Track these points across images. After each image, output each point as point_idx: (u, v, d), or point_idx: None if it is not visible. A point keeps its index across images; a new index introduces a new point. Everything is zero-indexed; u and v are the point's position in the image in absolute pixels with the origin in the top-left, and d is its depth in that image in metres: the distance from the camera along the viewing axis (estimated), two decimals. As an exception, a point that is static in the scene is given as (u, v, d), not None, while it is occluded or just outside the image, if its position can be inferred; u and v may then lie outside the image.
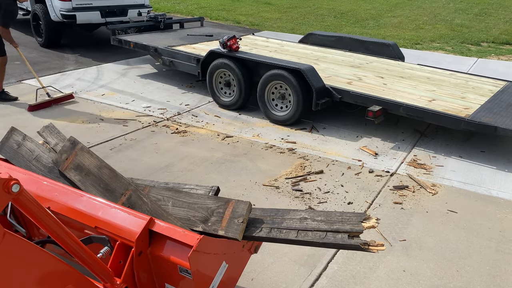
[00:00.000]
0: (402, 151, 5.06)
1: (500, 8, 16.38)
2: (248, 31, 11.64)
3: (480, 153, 5.04)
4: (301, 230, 1.80)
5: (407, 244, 3.45)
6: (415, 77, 6.12)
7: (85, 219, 1.88)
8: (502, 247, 3.45)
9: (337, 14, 14.92)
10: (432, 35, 11.82)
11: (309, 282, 3.02)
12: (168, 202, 2.03)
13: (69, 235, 1.62)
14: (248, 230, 1.90)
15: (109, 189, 2.02)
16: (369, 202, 4.03)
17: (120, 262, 1.82)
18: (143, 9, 9.41)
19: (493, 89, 5.79)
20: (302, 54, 7.12)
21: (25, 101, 6.20)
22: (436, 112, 4.88)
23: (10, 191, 1.38)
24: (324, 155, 4.91)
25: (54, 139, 2.45)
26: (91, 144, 5.02)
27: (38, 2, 9.16)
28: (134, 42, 7.42)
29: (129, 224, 1.80)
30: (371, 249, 1.64)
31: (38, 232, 2.21)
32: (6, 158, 2.43)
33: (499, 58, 9.83)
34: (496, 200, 4.12)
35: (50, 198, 1.97)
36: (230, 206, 1.89)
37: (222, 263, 1.89)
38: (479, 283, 3.06)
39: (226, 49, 6.05)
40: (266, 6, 16.12)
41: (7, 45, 6.37)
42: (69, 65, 8.22)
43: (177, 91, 6.96)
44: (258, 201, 3.98)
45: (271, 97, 5.79)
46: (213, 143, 5.17)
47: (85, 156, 2.12)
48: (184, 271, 1.74)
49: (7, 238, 1.45)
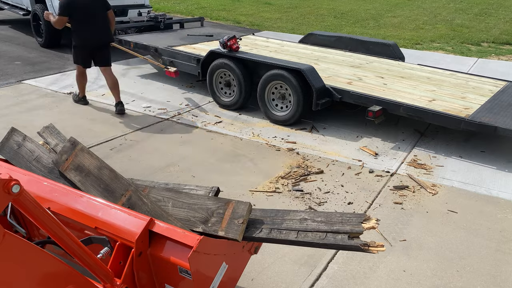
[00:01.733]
0: (402, 151, 5.06)
1: (500, 8, 16.37)
2: (248, 31, 11.63)
3: (480, 153, 5.04)
4: (301, 231, 1.80)
5: (407, 244, 3.45)
6: (415, 77, 6.12)
7: (85, 220, 1.88)
8: (503, 247, 3.45)
9: (337, 14, 14.92)
10: (432, 35, 11.82)
11: (309, 282, 3.02)
12: (168, 202, 2.03)
13: (69, 236, 1.62)
14: (248, 230, 1.90)
15: (109, 190, 2.02)
16: (369, 202, 4.03)
17: (120, 262, 1.82)
18: (143, 9, 9.41)
19: (493, 89, 5.79)
20: (302, 54, 7.12)
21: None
22: (436, 112, 4.88)
23: (10, 192, 1.38)
24: (324, 155, 4.91)
25: (54, 139, 2.45)
26: (91, 144, 5.02)
27: (38, 2, 9.17)
28: (134, 42, 7.42)
29: (129, 224, 1.80)
30: (371, 250, 1.64)
31: (38, 233, 2.21)
32: (6, 159, 2.43)
33: (499, 58, 9.82)
34: (496, 200, 4.12)
35: (50, 199, 1.97)
36: (230, 206, 1.89)
37: (222, 264, 1.89)
38: (479, 283, 3.06)
39: (226, 49, 6.05)
40: (266, 6, 16.12)
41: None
42: (69, 65, 8.21)
43: (177, 91, 6.96)
44: (258, 201, 3.98)
45: (271, 97, 5.79)
46: (214, 143, 5.17)
47: (85, 157, 2.12)
48: (184, 271, 1.74)
49: (7, 239, 1.45)
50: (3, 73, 7.56)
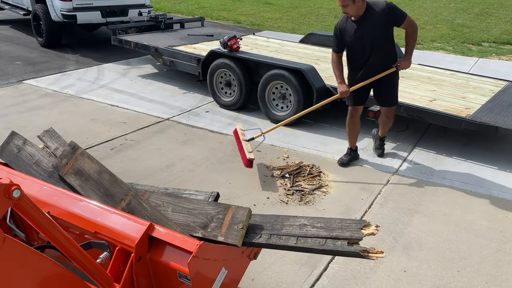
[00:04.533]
0: (402, 151, 5.05)
1: (501, 8, 16.33)
2: (249, 31, 11.62)
3: (481, 153, 5.04)
4: (301, 237, 1.80)
5: (408, 244, 3.45)
6: (416, 77, 6.11)
7: (84, 224, 1.88)
8: (503, 247, 3.45)
9: (337, 14, 14.87)
10: (433, 35, 11.80)
11: (309, 282, 3.03)
12: (168, 207, 2.03)
13: (69, 240, 1.62)
14: (248, 236, 1.90)
15: (109, 194, 2.02)
16: (369, 202, 4.02)
17: (119, 267, 1.81)
18: (143, 9, 9.40)
19: (494, 89, 5.78)
20: (303, 54, 7.10)
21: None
22: (437, 112, 4.87)
23: (11, 197, 1.38)
24: (325, 155, 4.91)
25: (54, 143, 2.45)
26: (91, 144, 5.02)
27: (38, 2, 9.16)
28: (135, 42, 7.41)
29: (129, 229, 1.80)
30: (370, 256, 1.64)
31: (37, 237, 2.21)
32: (6, 162, 2.43)
33: (500, 58, 9.80)
34: (497, 200, 4.12)
35: (50, 203, 1.97)
36: (229, 212, 1.89)
37: (221, 269, 1.88)
38: (480, 283, 3.06)
39: (227, 49, 6.04)
40: (267, 6, 16.10)
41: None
42: (69, 65, 8.22)
43: (178, 91, 6.95)
44: (258, 201, 3.98)
45: (272, 97, 5.78)
46: (214, 143, 5.17)
47: (85, 161, 2.12)
48: (184, 277, 1.74)
49: (7, 243, 1.45)
50: (4, 73, 7.56)
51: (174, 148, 5.02)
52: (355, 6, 4.06)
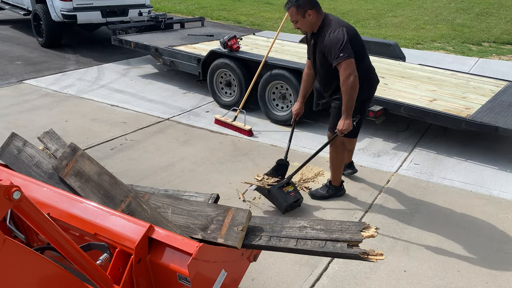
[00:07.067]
0: (403, 151, 5.05)
1: (501, 8, 16.32)
2: (249, 31, 11.62)
3: (481, 153, 5.04)
4: (301, 239, 1.80)
5: (408, 244, 3.45)
6: (416, 77, 6.11)
7: (84, 226, 1.88)
8: (504, 247, 3.45)
9: (338, 13, 14.87)
10: (433, 35, 11.80)
11: (310, 282, 3.03)
12: (168, 209, 2.03)
13: (69, 242, 1.62)
14: (248, 238, 1.90)
15: (109, 196, 2.02)
16: (370, 202, 4.02)
17: (119, 269, 1.81)
18: (143, 9, 9.40)
19: (494, 89, 5.77)
20: (303, 54, 7.07)
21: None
22: (437, 112, 4.87)
23: (11, 198, 1.38)
24: (325, 155, 4.90)
25: (54, 145, 2.45)
26: (91, 144, 5.02)
27: (39, 2, 9.16)
28: (135, 42, 7.41)
29: (129, 231, 1.80)
30: (370, 258, 1.64)
31: (37, 238, 2.21)
32: (6, 164, 2.43)
33: (500, 58, 9.80)
34: (497, 200, 4.12)
35: (50, 204, 1.97)
36: (229, 214, 1.89)
37: (221, 271, 1.88)
38: (480, 283, 3.07)
39: (227, 49, 6.05)
40: (267, 6, 16.09)
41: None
42: (70, 65, 8.22)
43: (178, 91, 6.95)
44: (258, 201, 3.98)
45: (272, 97, 5.78)
46: (214, 143, 5.16)
47: (85, 163, 2.12)
48: (183, 279, 1.74)
49: (7, 245, 1.45)
50: (4, 73, 7.56)
51: (174, 148, 5.02)
52: (306, 22, 3.60)
